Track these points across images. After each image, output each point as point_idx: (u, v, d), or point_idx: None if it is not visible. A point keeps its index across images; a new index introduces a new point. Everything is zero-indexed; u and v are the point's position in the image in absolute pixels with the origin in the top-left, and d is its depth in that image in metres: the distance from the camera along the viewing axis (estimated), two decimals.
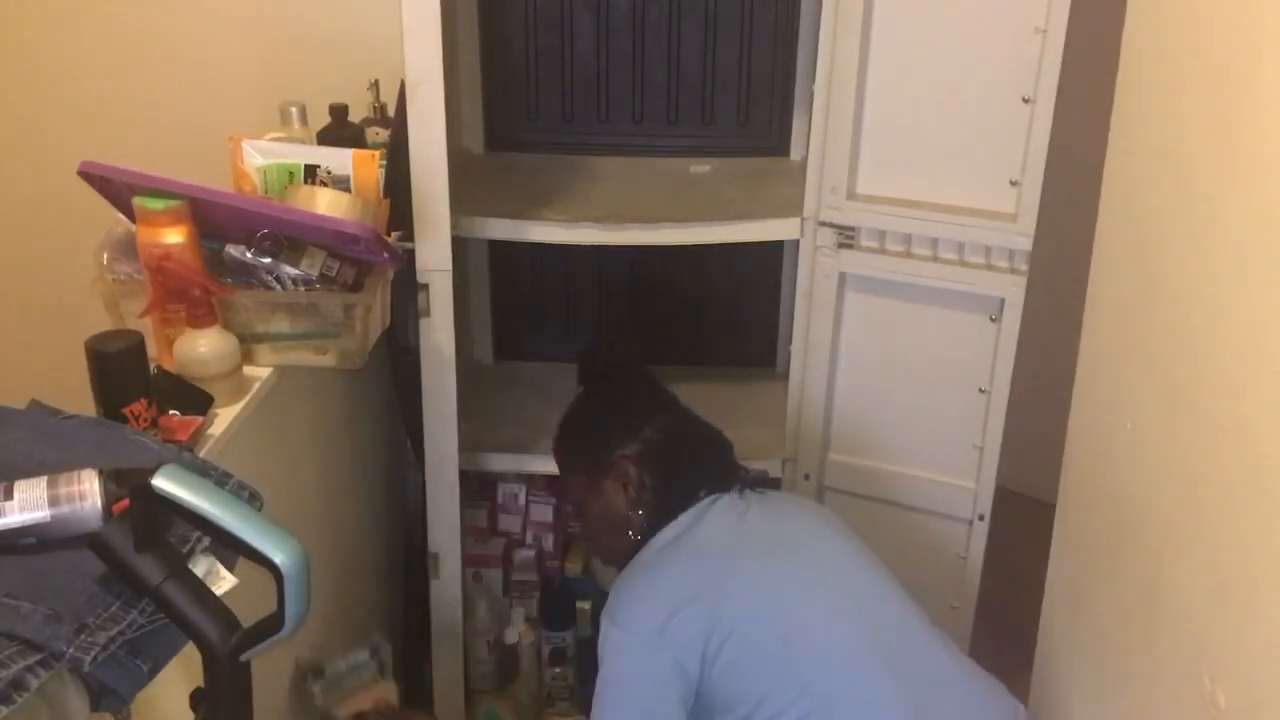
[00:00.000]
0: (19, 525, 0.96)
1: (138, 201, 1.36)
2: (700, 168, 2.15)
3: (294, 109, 1.73)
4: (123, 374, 1.19)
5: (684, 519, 1.56)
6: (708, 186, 2.07)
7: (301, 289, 1.45)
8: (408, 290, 1.74)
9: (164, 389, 1.27)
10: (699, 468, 1.62)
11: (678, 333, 2.36)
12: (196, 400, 1.30)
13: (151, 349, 1.29)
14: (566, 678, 2.18)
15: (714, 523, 1.56)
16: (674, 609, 1.45)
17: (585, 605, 2.22)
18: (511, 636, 2.17)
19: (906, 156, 1.83)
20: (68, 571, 0.96)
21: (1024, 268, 1.80)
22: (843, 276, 1.91)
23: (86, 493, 0.97)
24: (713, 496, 1.58)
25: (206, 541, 1.02)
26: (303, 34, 2.20)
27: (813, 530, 1.61)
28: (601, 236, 1.85)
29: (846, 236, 1.87)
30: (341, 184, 1.55)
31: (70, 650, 0.90)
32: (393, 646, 2.09)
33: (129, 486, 0.96)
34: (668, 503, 1.59)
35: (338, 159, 1.56)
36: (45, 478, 0.98)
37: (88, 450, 1.09)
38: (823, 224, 1.88)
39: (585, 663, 2.18)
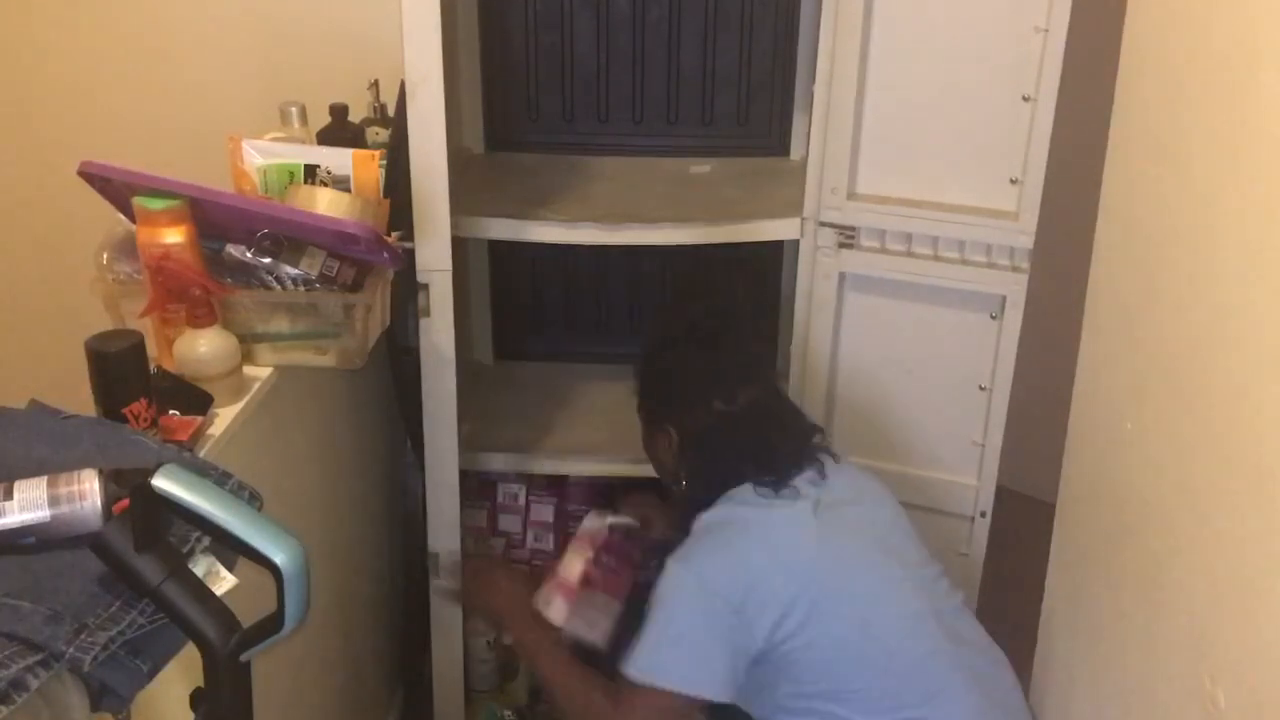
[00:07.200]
0: (19, 525, 0.96)
1: (138, 201, 1.36)
2: (700, 168, 2.14)
3: (294, 109, 1.73)
4: (123, 374, 1.18)
5: (750, 496, 1.55)
6: (708, 186, 2.07)
7: (301, 289, 1.45)
8: (408, 290, 1.74)
9: (164, 389, 1.26)
10: (747, 455, 1.59)
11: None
12: (196, 400, 1.30)
13: (151, 349, 1.28)
14: None
15: (785, 509, 1.54)
16: (754, 576, 1.47)
17: None
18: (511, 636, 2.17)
19: (907, 156, 1.83)
20: (68, 571, 0.96)
21: (1025, 266, 1.80)
22: (843, 276, 1.91)
23: (86, 493, 0.97)
24: (778, 481, 1.56)
25: (206, 541, 1.02)
26: (303, 34, 2.19)
27: (883, 519, 1.63)
28: (601, 236, 1.85)
29: (847, 236, 1.87)
30: (341, 184, 1.55)
31: (70, 650, 0.90)
32: (392, 646, 2.09)
33: (129, 486, 0.95)
34: (710, 480, 1.59)
35: (338, 159, 1.56)
36: (45, 478, 0.97)
37: (88, 450, 1.09)
38: (823, 224, 1.88)
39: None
